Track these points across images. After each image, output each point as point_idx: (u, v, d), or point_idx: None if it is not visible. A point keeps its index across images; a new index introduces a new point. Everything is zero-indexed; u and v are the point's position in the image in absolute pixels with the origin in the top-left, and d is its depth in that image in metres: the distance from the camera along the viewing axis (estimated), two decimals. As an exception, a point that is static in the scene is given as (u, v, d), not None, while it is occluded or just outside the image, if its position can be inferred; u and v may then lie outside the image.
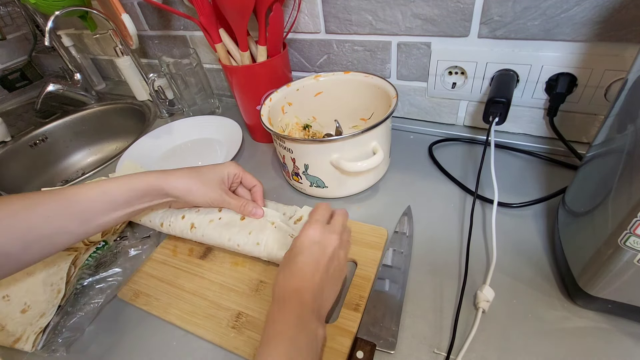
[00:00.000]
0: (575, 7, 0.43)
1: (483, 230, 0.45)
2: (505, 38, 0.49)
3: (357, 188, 0.53)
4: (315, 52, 0.66)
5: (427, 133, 0.63)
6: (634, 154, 0.26)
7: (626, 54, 0.43)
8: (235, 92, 0.63)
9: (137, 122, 0.92)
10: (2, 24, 1.10)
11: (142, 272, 0.47)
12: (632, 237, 0.27)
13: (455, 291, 0.39)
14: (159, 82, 0.80)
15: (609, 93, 0.46)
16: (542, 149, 0.54)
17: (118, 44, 0.82)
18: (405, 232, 0.46)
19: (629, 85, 0.29)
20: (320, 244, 0.36)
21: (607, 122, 0.32)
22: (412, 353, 0.35)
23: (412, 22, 0.53)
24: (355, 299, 0.39)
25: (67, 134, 0.95)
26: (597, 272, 0.31)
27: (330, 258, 0.36)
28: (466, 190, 0.51)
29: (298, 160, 0.49)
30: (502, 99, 0.47)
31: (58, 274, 0.44)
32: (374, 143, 0.47)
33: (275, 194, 0.57)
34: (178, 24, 0.79)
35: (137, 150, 0.72)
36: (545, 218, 0.45)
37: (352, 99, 0.59)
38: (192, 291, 0.44)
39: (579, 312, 0.36)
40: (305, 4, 0.60)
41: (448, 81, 0.57)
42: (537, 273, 0.39)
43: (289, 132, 0.60)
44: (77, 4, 0.75)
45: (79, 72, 0.94)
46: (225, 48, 0.60)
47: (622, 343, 0.33)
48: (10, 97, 1.14)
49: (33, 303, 0.43)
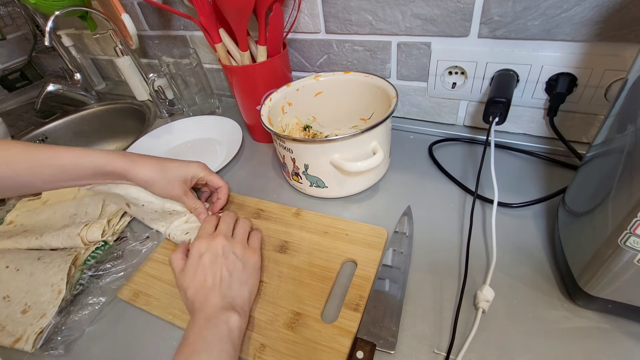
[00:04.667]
0: (575, 7, 0.43)
1: (483, 230, 0.45)
2: (505, 38, 0.49)
3: (357, 188, 0.53)
4: (315, 52, 0.66)
5: (427, 133, 0.63)
6: (634, 154, 0.26)
7: (626, 54, 0.43)
8: (235, 92, 0.63)
9: (137, 122, 0.92)
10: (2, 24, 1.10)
11: (142, 272, 0.47)
12: (632, 237, 0.27)
13: (455, 291, 0.39)
14: (159, 82, 0.80)
15: (609, 93, 0.46)
16: (542, 149, 0.54)
17: (118, 44, 0.82)
18: (405, 232, 0.46)
19: (629, 85, 0.29)
20: (208, 252, 0.40)
21: (607, 122, 0.32)
22: (412, 353, 0.35)
23: (412, 22, 0.53)
24: (355, 299, 0.39)
25: (67, 134, 0.95)
26: (597, 272, 0.31)
27: (224, 257, 0.40)
28: (466, 190, 0.51)
29: (298, 160, 0.49)
30: (502, 99, 0.47)
31: (58, 275, 0.44)
32: (374, 143, 0.47)
33: (275, 194, 0.57)
34: (178, 24, 0.79)
35: (137, 150, 0.72)
36: (545, 218, 0.45)
37: (352, 99, 0.59)
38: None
39: (579, 312, 0.36)
40: (305, 4, 0.60)
41: (448, 81, 0.57)
42: (537, 273, 0.39)
43: (289, 132, 0.60)
44: (77, 4, 0.75)
45: (79, 72, 0.94)
46: (225, 48, 0.60)
47: (622, 343, 0.33)
48: (10, 97, 1.14)
49: (34, 303, 0.43)
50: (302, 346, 0.36)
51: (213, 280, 0.38)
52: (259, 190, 0.58)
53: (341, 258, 0.44)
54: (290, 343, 0.37)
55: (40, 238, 0.50)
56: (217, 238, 0.41)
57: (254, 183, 0.60)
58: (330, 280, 0.42)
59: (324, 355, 0.35)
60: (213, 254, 0.40)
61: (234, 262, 0.40)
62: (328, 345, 0.36)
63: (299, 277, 0.43)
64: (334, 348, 0.36)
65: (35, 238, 0.51)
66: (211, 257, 0.39)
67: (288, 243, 0.47)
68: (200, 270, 0.39)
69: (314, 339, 0.37)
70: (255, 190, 0.58)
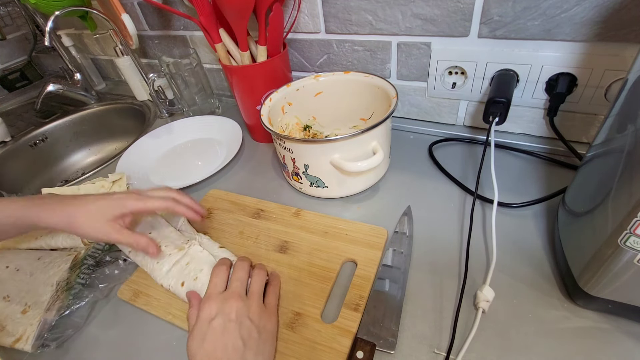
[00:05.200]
0: (575, 7, 0.43)
1: (483, 230, 0.45)
2: (505, 38, 0.49)
3: (357, 188, 0.53)
4: (315, 52, 0.66)
5: (427, 133, 0.63)
6: (634, 154, 0.26)
7: (626, 54, 0.43)
8: (235, 92, 0.63)
9: (137, 122, 0.92)
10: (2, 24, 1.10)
11: (142, 271, 0.47)
12: (632, 237, 0.27)
13: (455, 291, 0.39)
14: (159, 82, 0.80)
15: (609, 93, 0.46)
16: (542, 149, 0.54)
17: (118, 44, 0.82)
18: (405, 232, 0.46)
19: (629, 85, 0.29)
20: (219, 316, 0.34)
21: (607, 122, 0.32)
22: (412, 353, 0.35)
23: (412, 22, 0.53)
24: (355, 299, 0.39)
25: (67, 134, 0.95)
26: (597, 272, 0.31)
27: (237, 322, 0.34)
28: (466, 190, 0.51)
29: (298, 160, 0.49)
30: (502, 99, 0.47)
31: (58, 275, 0.44)
32: (374, 143, 0.47)
33: (275, 194, 0.57)
34: (178, 24, 0.79)
35: (137, 150, 0.72)
36: (545, 218, 0.45)
37: (352, 99, 0.59)
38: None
39: (579, 312, 0.36)
40: (305, 4, 0.60)
41: (448, 81, 0.57)
42: (537, 273, 0.39)
43: (289, 132, 0.60)
44: (77, 4, 0.75)
45: (79, 72, 0.94)
46: (225, 48, 0.60)
47: (622, 343, 0.33)
48: (10, 97, 1.14)
49: (34, 303, 0.43)
50: (302, 346, 0.36)
51: (224, 352, 0.32)
52: (259, 190, 0.58)
53: (341, 258, 0.44)
54: (290, 343, 0.37)
55: (40, 238, 0.50)
56: (230, 300, 0.35)
57: (254, 183, 0.60)
58: (330, 280, 0.42)
59: (324, 355, 0.35)
60: (225, 319, 0.34)
61: (249, 330, 0.34)
62: (328, 345, 0.36)
63: (299, 277, 0.43)
64: (334, 348, 0.36)
65: (35, 238, 0.51)
66: (223, 323, 0.34)
67: (288, 243, 0.47)
68: (210, 338, 0.33)
69: (314, 339, 0.37)
70: (255, 190, 0.58)
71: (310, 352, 0.36)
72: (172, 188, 0.47)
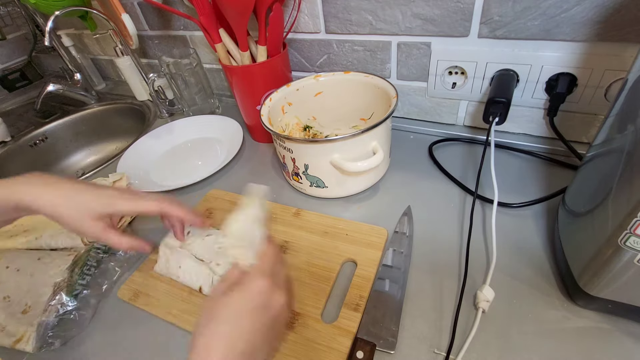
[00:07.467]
0: (575, 7, 0.43)
1: (483, 230, 0.45)
2: (505, 38, 0.49)
3: (357, 188, 0.53)
4: (315, 52, 0.66)
5: (427, 133, 0.63)
6: (634, 154, 0.26)
7: (626, 54, 0.43)
8: (235, 92, 0.63)
9: (137, 122, 0.92)
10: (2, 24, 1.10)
11: (142, 272, 0.47)
12: (632, 237, 0.27)
13: (455, 291, 0.39)
14: (159, 82, 0.80)
15: (609, 93, 0.46)
16: (542, 149, 0.54)
17: (118, 44, 0.82)
18: (405, 232, 0.46)
19: (629, 85, 0.29)
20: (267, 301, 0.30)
21: (607, 122, 0.32)
22: (412, 353, 0.35)
23: (412, 22, 0.53)
24: (355, 299, 0.39)
25: (67, 134, 0.95)
26: (597, 272, 0.31)
27: (275, 317, 0.30)
28: (466, 190, 0.51)
29: (298, 160, 0.49)
30: (502, 99, 0.47)
31: (59, 275, 0.44)
32: (374, 143, 0.47)
33: (275, 194, 0.57)
34: (178, 24, 0.79)
35: (137, 150, 0.72)
36: (545, 218, 0.45)
37: (352, 99, 0.59)
38: (192, 291, 0.44)
39: (579, 312, 0.36)
40: (305, 4, 0.60)
41: (448, 81, 0.57)
42: (537, 273, 0.39)
43: (289, 132, 0.60)
44: (77, 4, 0.75)
45: (79, 72, 0.94)
46: (225, 48, 0.60)
47: (622, 343, 0.33)
48: (10, 97, 1.14)
49: (34, 304, 0.43)
50: (302, 346, 0.36)
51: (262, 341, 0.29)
52: (259, 190, 0.58)
53: (341, 258, 0.44)
54: (290, 343, 0.37)
55: (40, 238, 0.50)
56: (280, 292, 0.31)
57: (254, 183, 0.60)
58: (330, 280, 0.42)
59: (324, 355, 0.35)
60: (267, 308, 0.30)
61: (280, 324, 0.31)
62: (328, 345, 0.36)
63: (299, 277, 0.43)
64: (334, 348, 0.36)
65: (35, 238, 0.51)
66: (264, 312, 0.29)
67: (288, 243, 0.47)
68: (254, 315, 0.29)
69: (314, 339, 0.37)
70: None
71: (310, 352, 0.36)
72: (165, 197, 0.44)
